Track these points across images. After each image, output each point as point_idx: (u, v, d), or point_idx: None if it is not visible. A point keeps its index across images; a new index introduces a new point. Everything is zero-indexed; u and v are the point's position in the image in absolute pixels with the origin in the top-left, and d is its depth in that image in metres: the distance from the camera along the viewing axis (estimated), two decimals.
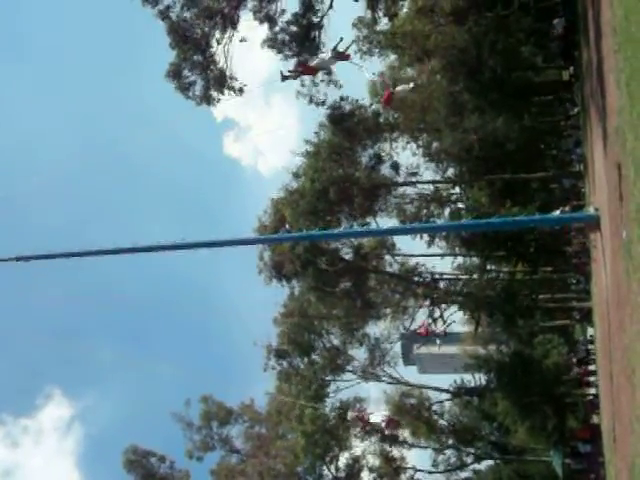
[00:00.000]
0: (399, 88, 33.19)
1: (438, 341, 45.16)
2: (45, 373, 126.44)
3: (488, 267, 50.51)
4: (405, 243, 51.94)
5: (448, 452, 54.00)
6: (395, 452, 52.90)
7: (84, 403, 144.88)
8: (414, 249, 52.42)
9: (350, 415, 37.89)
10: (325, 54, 29.39)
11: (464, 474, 56.79)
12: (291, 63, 41.55)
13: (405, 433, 53.52)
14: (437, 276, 52.49)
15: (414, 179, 50.86)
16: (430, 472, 54.00)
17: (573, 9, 36.37)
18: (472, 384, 52.13)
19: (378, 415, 32.93)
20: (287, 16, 40.69)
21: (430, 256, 52.42)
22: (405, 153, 50.67)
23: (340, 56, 27.93)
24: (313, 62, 29.52)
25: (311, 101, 43.90)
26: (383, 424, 31.93)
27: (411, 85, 35.12)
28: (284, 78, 28.35)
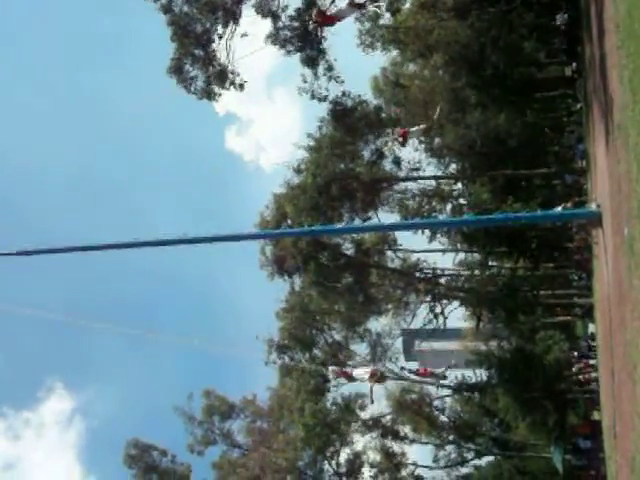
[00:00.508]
0: (414, 129, 33.81)
1: (434, 381, 45.34)
2: (47, 366, 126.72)
3: (490, 263, 50.55)
4: (406, 239, 51.96)
5: (449, 448, 54.12)
6: (396, 448, 53.07)
7: (86, 396, 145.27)
8: (415, 245, 52.43)
9: (331, 370, 37.75)
10: (342, 4, 29.48)
11: (465, 470, 56.96)
12: (295, 57, 41.69)
13: (406, 429, 53.68)
14: (439, 272, 52.53)
15: (416, 174, 50.87)
16: (431, 468, 54.14)
17: (576, 5, 36.36)
18: (473, 380, 52.18)
19: (361, 370, 32.58)
20: (289, 11, 40.70)
21: (432, 252, 52.44)
22: (407, 148, 50.70)
23: (357, 5, 27.93)
24: (332, 11, 29.53)
25: (313, 97, 43.87)
26: (366, 376, 31.68)
27: (424, 126, 35.85)
28: None
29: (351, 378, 32.42)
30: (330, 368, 38.93)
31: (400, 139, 33.43)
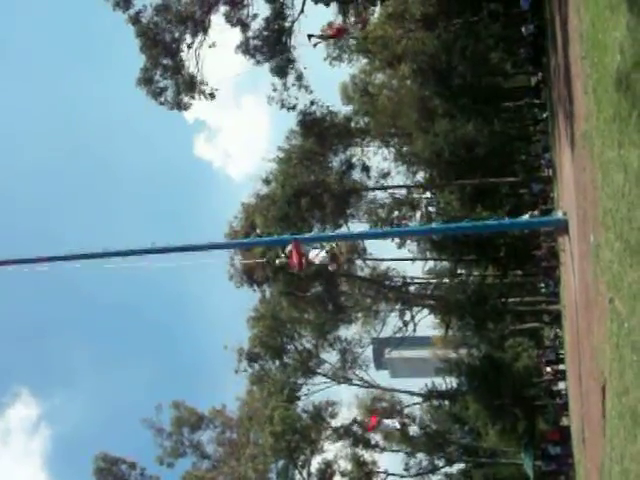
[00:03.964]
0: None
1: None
2: (12, 371, 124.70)
3: (458, 271, 50.82)
4: (376, 246, 52.20)
5: (420, 456, 54.10)
6: (367, 456, 52.96)
7: (52, 403, 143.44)
8: (385, 252, 52.70)
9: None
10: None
11: (436, 478, 56.95)
12: (264, 66, 41.84)
13: (377, 437, 53.63)
14: (408, 280, 52.71)
15: (385, 183, 51.10)
16: (402, 476, 54.06)
17: (541, 16, 36.80)
18: (443, 387, 52.33)
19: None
20: (259, 21, 40.83)
21: (401, 260, 52.65)
22: (376, 158, 50.96)
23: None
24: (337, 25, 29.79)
25: (282, 106, 43.96)
26: None
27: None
28: (312, 38, 28.57)
29: None
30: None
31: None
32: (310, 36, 29.67)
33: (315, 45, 29.54)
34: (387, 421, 37.48)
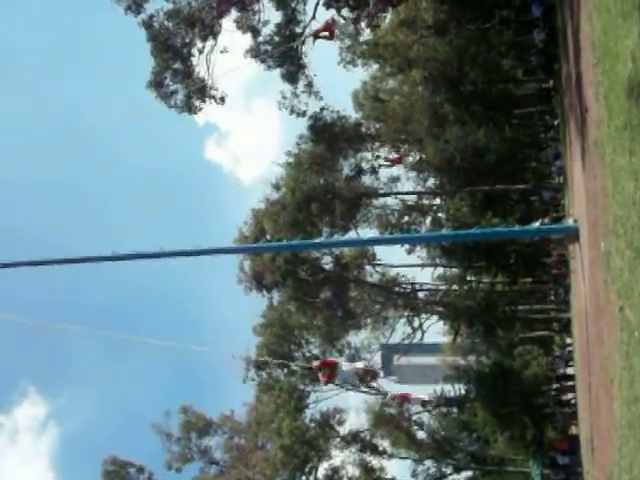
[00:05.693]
0: None
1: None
2: (19, 369, 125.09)
3: (468, 277, 50.68)
4: (386, 252, 52.17)
5: (427, 463, 53.93)
6: (375, 462, 52.83)
7: (60, 402, 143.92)
8: (394, 257, 52.65)
9: None
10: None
11: None
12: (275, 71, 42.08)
13: (385, 443, 53.50)
14: (417, 286, 52.60)
15: (395, 189, 51.11)
16: None
17: (553, 23, 36.75)
18: (452, 394, 52.15)
19: None
20: (270, 26, 40.95)
21: (410, 266, 52.56)
22: (386, 163, 50.89)
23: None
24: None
25: (292, 112, 44.04)
26: None
27: None
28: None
29: None
30: None
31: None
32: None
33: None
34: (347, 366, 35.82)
